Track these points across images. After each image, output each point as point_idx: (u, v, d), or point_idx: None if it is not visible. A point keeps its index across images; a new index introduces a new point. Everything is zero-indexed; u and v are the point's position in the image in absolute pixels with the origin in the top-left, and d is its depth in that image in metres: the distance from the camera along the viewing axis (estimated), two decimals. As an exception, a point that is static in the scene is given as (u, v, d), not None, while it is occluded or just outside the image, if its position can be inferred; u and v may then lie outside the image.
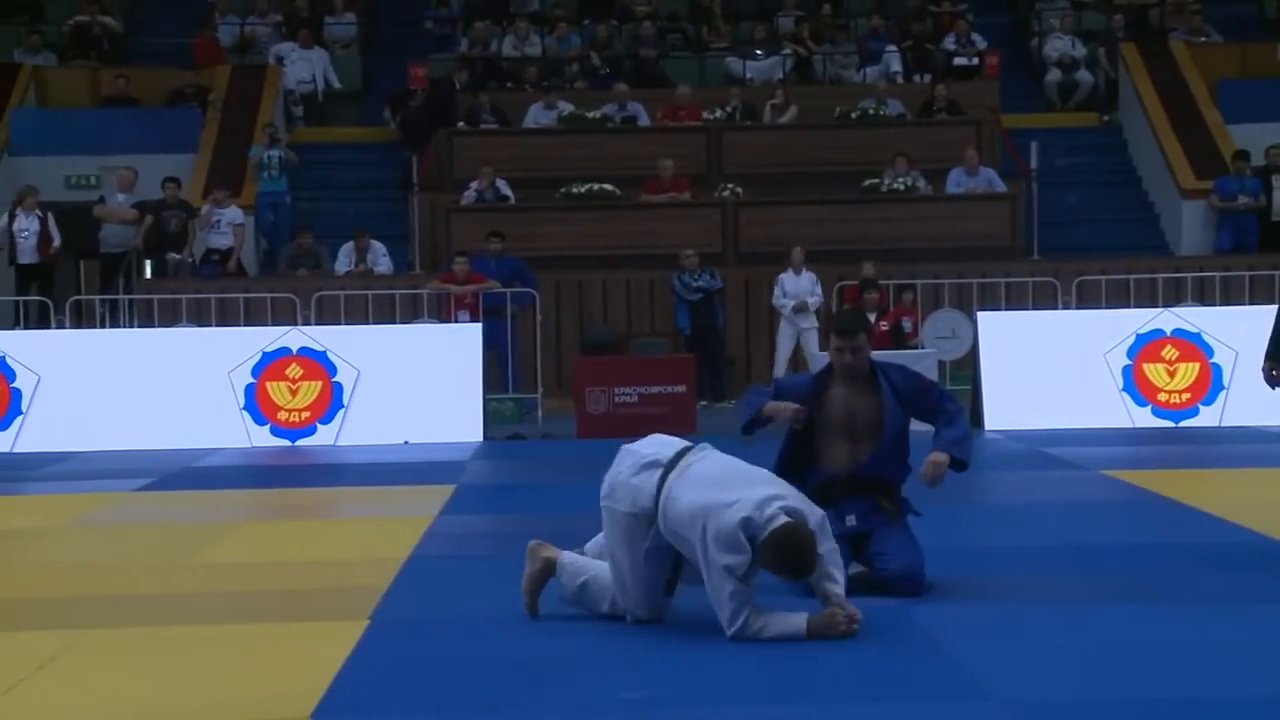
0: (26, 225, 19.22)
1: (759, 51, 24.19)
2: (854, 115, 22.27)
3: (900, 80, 23.59)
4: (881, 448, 7.37)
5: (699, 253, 18.62)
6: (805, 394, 7.43)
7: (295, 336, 15.57)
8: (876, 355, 7.65)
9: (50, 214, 19.47)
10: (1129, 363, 15.48)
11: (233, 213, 19.86)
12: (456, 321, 17.14)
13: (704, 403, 16.97)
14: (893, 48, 24.07)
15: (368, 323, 17.18)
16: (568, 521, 10.24)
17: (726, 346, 18.95)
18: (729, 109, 22.45)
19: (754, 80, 23.66)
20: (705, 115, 22.30)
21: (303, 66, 23.58)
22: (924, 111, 22.56)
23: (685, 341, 18.31)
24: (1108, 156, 23.33)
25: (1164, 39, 24.01)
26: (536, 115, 22.31)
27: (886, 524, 7.38)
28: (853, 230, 20.02)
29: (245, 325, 16.82)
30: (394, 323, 17.22)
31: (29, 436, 15.11)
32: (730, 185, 20.79)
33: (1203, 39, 24.24)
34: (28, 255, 19.21)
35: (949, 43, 24.10)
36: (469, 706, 5.68)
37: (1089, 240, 21.28)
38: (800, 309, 18.07)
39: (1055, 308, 17.46)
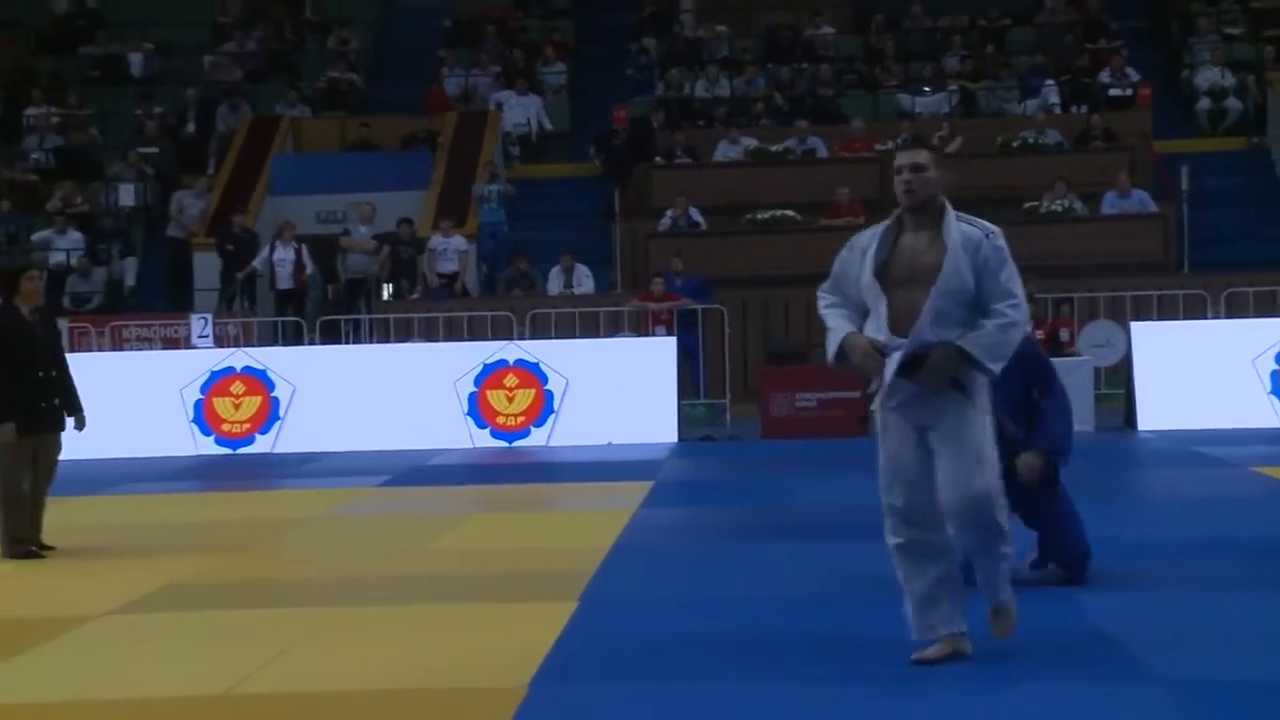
0: (284, 255, 19.72)
1: (927, 89, 23.92)
2: (1015, 145, 21.90)
3: (1058, 111, 23.13)
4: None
5: (874, 272, 18.41)
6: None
7: (512, 350, 15.74)
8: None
9: (304, 245, 19.95)
10: (1276, 368, 15.03)
11: (458, 241, 20.16)
12: (653, 335, 17.18)
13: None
14: (1051, 82, 23.61)
15: (575, 337, 17.29)
16: (755, 514, 10.25)
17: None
18: (900, 140, 22.19)
19: (923, 114, 23.36)
20: (877, 147, 22.08)
21: (519, 111, 23.85)
22: (1080, 140, 22.12)
23: (866, 351, 18.09)
24: (1255, 177, 22.61)
25: (1309, 67, 23.24)
26: (725, 150, 22.29)
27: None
28: (1014, 249, 19.43)
29: (468, 340, 17.04)
30: (598, 337, 17.30)
31: (286, 439, 15.47)
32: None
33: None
34: (285, 281, 19.70)
35: (1104, 76, 23.59)
36: (670, 677, 5.69)
37: (1237, 256, 20.60)
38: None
39: (1205, 318, 16.98)
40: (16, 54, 25.04)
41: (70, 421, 9.29)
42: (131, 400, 14.82)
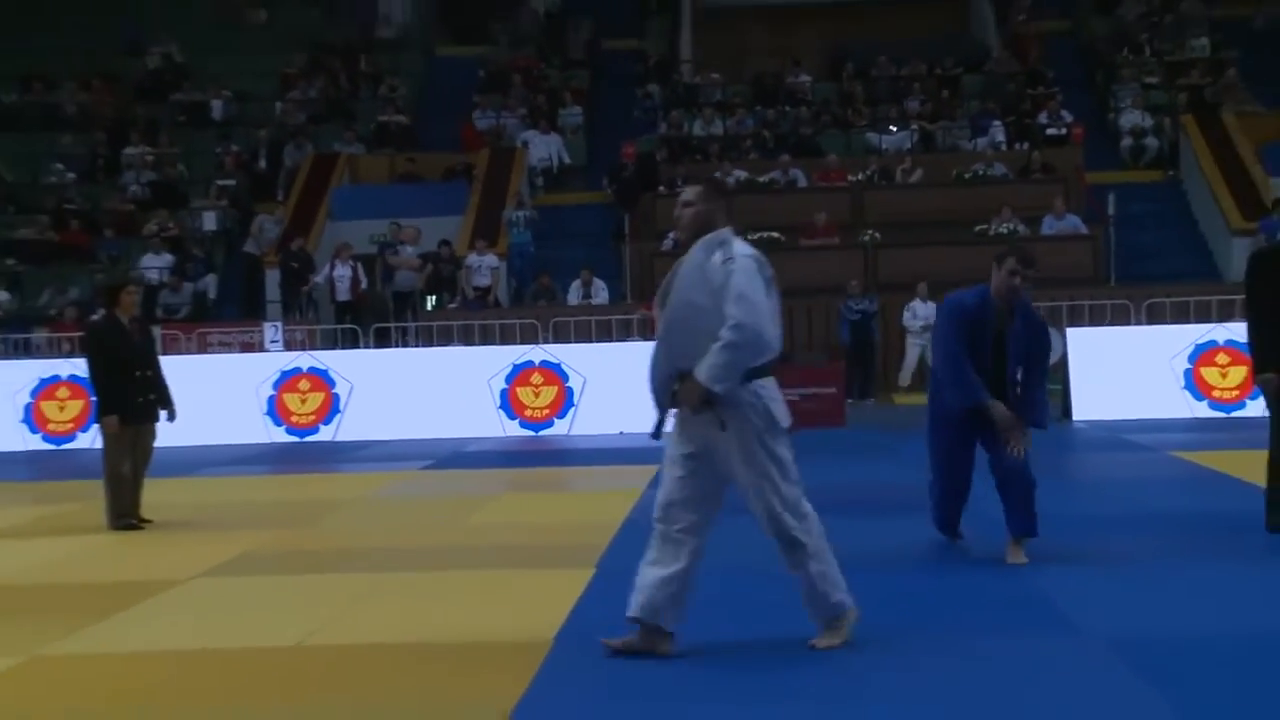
0: (343, 272, 19.72)
1: (893, 128, 23.89)
2: (967, 176, 21.88)
3: (1004, 148, 23.07)
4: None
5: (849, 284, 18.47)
6: (976, 330, 6.84)
7: (537, 352, 15.73)
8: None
9: (359, 263, 19.96)
10: (1189, 366, 15.02)
11: (490, 259, 20.16)
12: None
13: (852, 400, 16.75)
14: (998, 122, 23.57)
15: (592, 341, 17.29)
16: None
17: (877, 357, 18.73)
18: (869, 172, 22.23)
19: (888, 150, 23.33)
20: (850, 177, 22.12)
21: (542, 148, 23.84)
22: (1023, 172, 22.10)
23: (845, 352, 18.10)
24: (1171, 204, 22.56)
25: (1217, 111, 23.17)
26: (719, 181, 22.30)
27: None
28: (967, 265, 19.48)
29: (499, 344, 17.04)
30: (612, 340, 17.31)
31: (345, 429, 15.48)
32: (871, 231, 20.56)
33: (1249, 109, 23.34)
34: (343, 294, 19.71)
35: (1043, 117, 23.56)
36: (679, 634, 5.67)
37: (1156, 271, 20.59)
38: (926, 328, 17.77)
39: (1129, 324, 16.95)
40: (117, 103, 25.04)
41: (163, 414, 9.31)
42: (214, 396, 14.82)
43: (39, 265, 21.46)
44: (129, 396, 9.08)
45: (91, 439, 13.30)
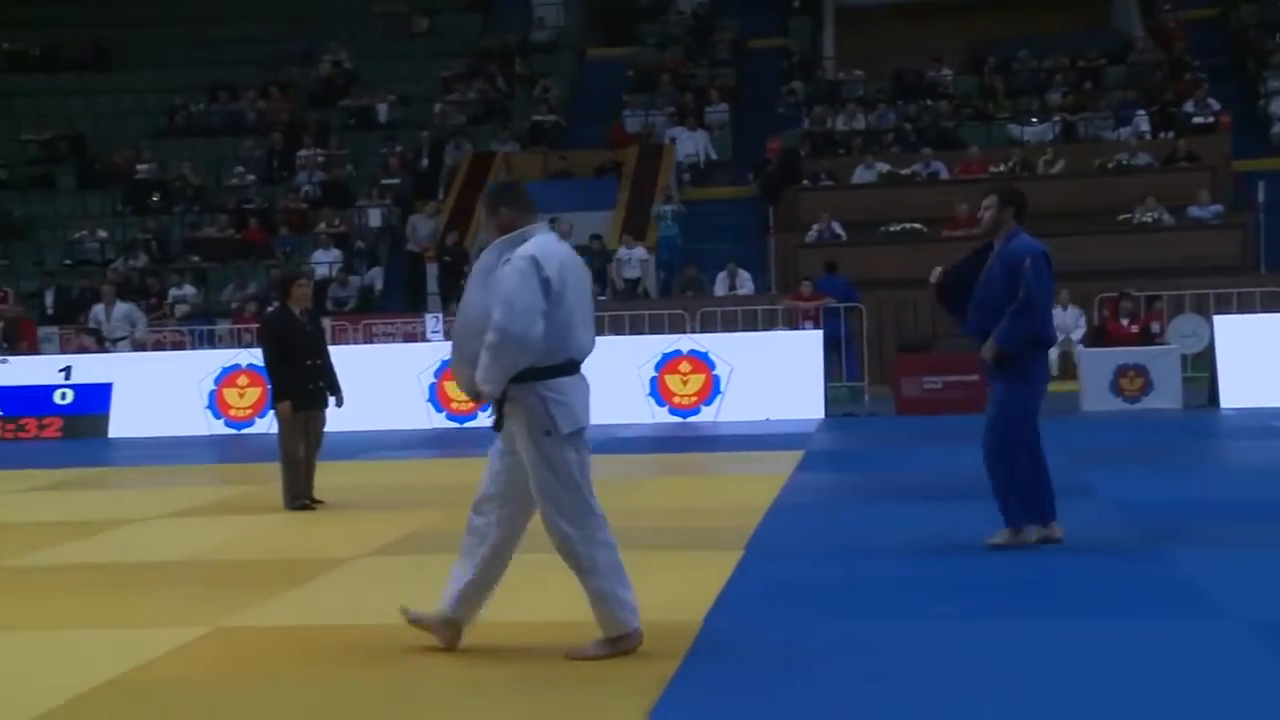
0: (501, 266, 19.95)
1: (1034, 119, 23.34)
2: (1110, 166, 21.27)
3: (1148, 137, 22.38)
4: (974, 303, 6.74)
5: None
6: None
7: (685, 341, 15.75)
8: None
9: (514, 257, 20.17)
10: (1342, 354, 14.40)
11: (640, 252, 20.25)
12: (802, 329, 17.06)
13: (993, 388, 16.43)
14: (1142, 112, 22.85)
15: (737, 330, 17.26)
16: (891, 478, 10.14)
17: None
18: (1010, 164, 21.76)
19: (1030, 141, 22.81)
20: (991, 169, 21.67)
21: (689, 144, 23.84)
22: (1168, 161, 21.39)
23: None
24: (1323, 191, 21.66)
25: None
26: (861, 174, 22.02)
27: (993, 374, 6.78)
28: (1111, 254, 19.10)
29: (649, 334, 17.10)
30: (757, 330, 17.26)
31: (501, 415, 15.70)
32: (1012, 222, 20.14)
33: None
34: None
35: (1189, 106, 22.77)
36: (827, 614, 5.65)
37: (1307, 257, 19.81)
38: (1066, 346, 17.21)
39: (1278, 311, 16.30)
40: (291, 109, 25.80)
41: (332, 400, 9.54)
42: (380, 384, 15.16)
43: (221, 261, 22.21)
44: (300, 383, 9.24)
45: (268, 424, 13.71)
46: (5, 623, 5.79)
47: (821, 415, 15.06)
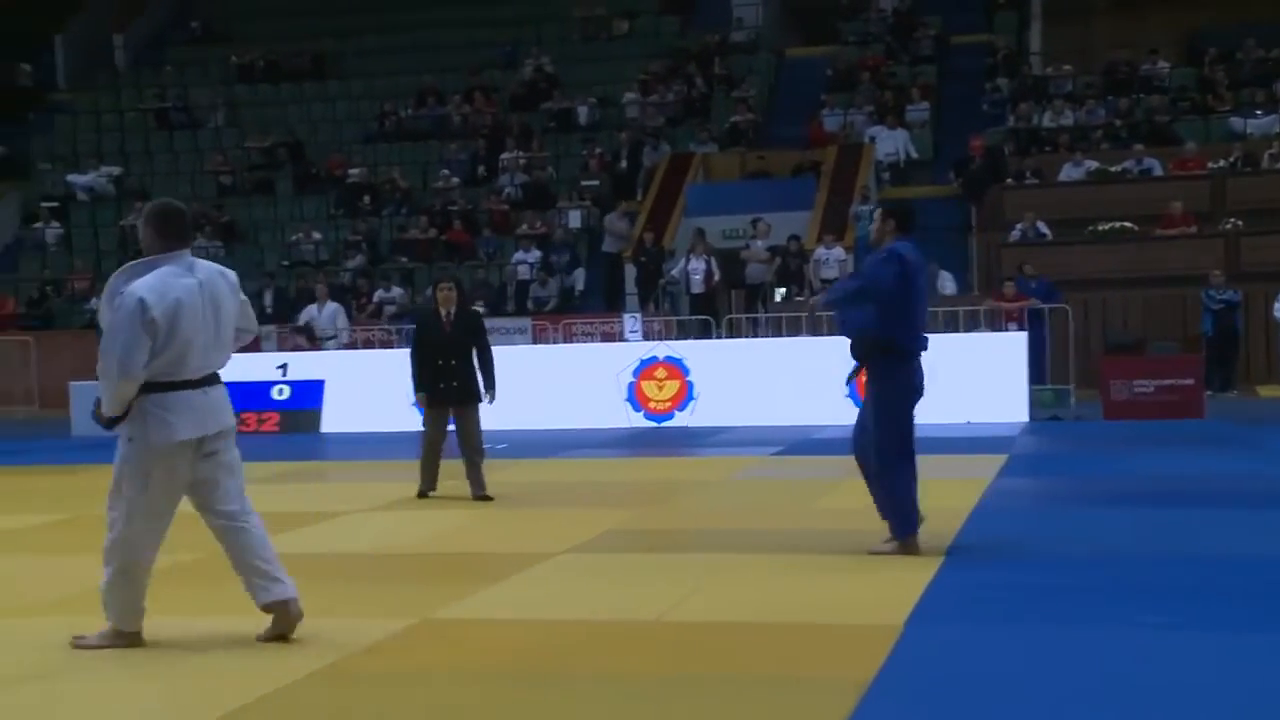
0: (697, 265, 20.02)
1: (1259, 111, 22.19)
2: (1342, 158, 20.10)
3: (1386, 125, 21.07)
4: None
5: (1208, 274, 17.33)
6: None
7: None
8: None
9: (713, 257, 20.21)
10: None
11: (838, 252, 19.99)
12: (1006, 330, 16.58)
13: (1212, 392, 15.68)
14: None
15: (939, 332, 16.85)
16: (1099, 483, 9.76)
17: (1240, 349, 17.51)
18: (1231, 159, 20.74)
19: (1253, 135, 21.70)
20: (1209, 165, 20.70)
21: (889, 142, 23.47)
22: None
23: (1207, 343, 16.99)
24: None
25: None
26: (1069, 171, 21.30)
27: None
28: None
29: (848, 335, 16.84)
30: (958, 331, 16.86)
31: (699, 415, 15.72)
32: (1232, 219, 19.20)
33: None
34: (697, 287, 20.00)
35: None
36: (1032, 620, 5.45)
37: None
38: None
39: None
40: (495, 112, 26.39)
41: (486, 398, 9.65)
42: (579, 382, 15.35)
43: (426, 262, 22.85)
44: (431, 380, 9.57)
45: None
46: (212, 609, 6.02)
47: (1025, 419, 14.62)
